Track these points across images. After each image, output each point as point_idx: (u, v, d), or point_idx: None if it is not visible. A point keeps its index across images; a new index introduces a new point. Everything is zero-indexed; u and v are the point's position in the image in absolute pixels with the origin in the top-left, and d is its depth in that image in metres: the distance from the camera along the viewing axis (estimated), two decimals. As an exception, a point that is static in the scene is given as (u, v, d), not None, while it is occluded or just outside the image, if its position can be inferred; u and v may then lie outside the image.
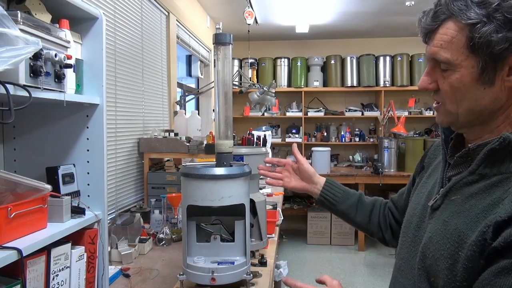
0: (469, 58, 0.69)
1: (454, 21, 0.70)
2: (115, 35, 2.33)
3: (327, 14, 4.60)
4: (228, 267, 1.29)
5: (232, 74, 3.24)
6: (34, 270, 1.01)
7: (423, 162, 0.98)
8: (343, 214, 1.17)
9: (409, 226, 0.88)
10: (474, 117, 0.74)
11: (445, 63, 0.72)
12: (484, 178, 0.72)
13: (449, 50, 0.70)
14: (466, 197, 0.73)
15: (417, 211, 0.86)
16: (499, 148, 0.69)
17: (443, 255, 0.72)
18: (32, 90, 0.93)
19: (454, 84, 0.72)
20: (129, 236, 1.89)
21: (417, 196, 0.91)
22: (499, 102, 0.71)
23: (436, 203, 0.79)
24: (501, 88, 0.70)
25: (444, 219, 0.75)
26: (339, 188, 1.18)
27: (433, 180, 0.87)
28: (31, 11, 1.07)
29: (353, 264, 4.20)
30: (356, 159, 5.47)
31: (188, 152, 2.64)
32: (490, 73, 0.69)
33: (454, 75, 0.71)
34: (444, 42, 0.71)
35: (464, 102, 0.72)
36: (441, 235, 0.74)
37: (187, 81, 4.67)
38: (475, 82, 0.70)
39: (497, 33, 0.65)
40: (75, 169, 1.29)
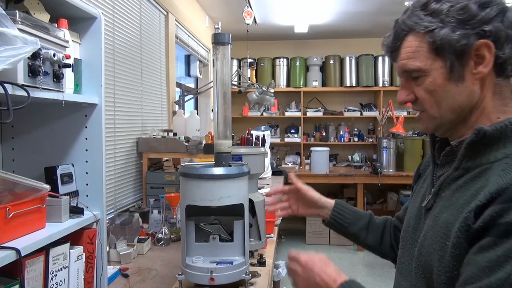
0: (436, 60, 0.75)
1: (413, 34, 0.77)
2: (113, 34, 2.32)
3: (326, 14, 4.61)
4: (227, 267, 1.29)
5: (231, 74, 3.24)
6: (32, 270, 1.01)
7: (419, 170, 1.00)
8: (355, 236, 1.15)
9: (407, 230, 0.90)
10: (455, 115, 0.77)
11: (416, 71, 0.77)
12: (468, 172, 0.75)
13: (417, 59, 0.76)
14: (453, 191, 0.77)
15: (413, 214, 0.89)
16: (476, 140, 0.73)
17: (435, 248, 0.74)
18: (31, 89, 0.93)
19: (429, 87, 0.77)
20: (128, 236, 1.89)
21: (413, 201, 0.94)
22: (475, 95, 0.75)
23: (429, 203, 0.82)
24: (473, 81, 0.75)
25: (435, 214, 0.78)
26: (349, 209, 1.16)
27: (426, 184, 0.90)
28: (29, 10, 1.07)
29: (352, 264, 4.21)
30: (355, 159, 5.48)
31: (187, 152, 2.63)
32: (459, 69, 0.74)
33: (427, 79, 0.76)
34: (410, 53, 0.77)
35: (443, 103, 0.77)
36: (433, 230, 0.77)
37: (186, 81, 4.67)
38: (447, 81, 0.75)
39: (454, 33, 0.72)
40: (74, 169, 1.28)
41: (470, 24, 0.72)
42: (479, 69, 0.74)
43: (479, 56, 0.73)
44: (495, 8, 0.72)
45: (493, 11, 0.71)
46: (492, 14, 0.71)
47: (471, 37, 0.72)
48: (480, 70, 0.74)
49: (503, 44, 0.72)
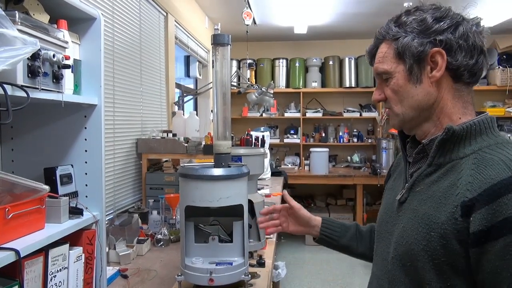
0: (399, 64, 0.87)
1: (385, 41, 0.90)
2: (113, 35, 2.32)
3: (325, 15, 4.61)
4: (226, 268, 1.29)
5: (231, 74, 3.25)
6: (31, 271, 1.01)
7: (389, 172, 1.09)
8: (346, 247, 1.20)
9: (380, 224, 0.99)
10: (416, 113, 0.88)
11: (384, 73, 0.89)
12: (440, 167, 0.84)
13: (385, 63, 0.89)
14: (428, 186, 0.85)
15: (386, 209, 0.97)
16: (447, 138, 0.82)
17: (417, 238, 0.82)
18: (30, 90, 0.93)
19: (394, 87, 0.88)
20: (127, 237, 1.89)
21: (385, 198, 1.02)
22: (432, 96, 0.86)
23: (403, 197, 0.90)
24: (429, 84, 0.85)
25: (413, 208, 0.86)
26: (336, 223, 1.22)
27: (398, 182, 0.99)
28: (29, 11, 1.07)
29: (351, 265, 4.21)
30: (354, 159, 5.48)
31: (186, 152, 2.63)
32: (417, 72, 0.85)
33: (392, 80, 0.88)
34: (380, 58, 0.90)
35: (404, 101, 0.88)
36: (412, 221, 0.84)
37: (186, 81, 4.67)
38: (407, 82, 0.87)
39: (413, 40, 0.84)
40: (73, 169, 1.28)
41: (427, 34, 0.84)
42: (433, 73, 0.84)
43: (434, 62, 0.84)
44: (448, 22, 0.83)
45: (446, 24, 0.83)
46: (445, 26, 0.83)
47: (427, 45, 0.83)
48: (434, 74, 0.84)
49: (455, 53, 0.83)
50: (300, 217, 1.23)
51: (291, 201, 1.24)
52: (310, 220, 1.22)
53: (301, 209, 1.23)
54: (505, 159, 0.76)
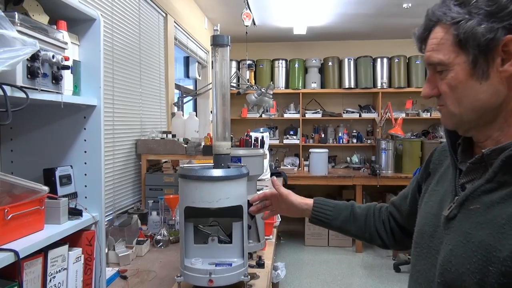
0: (459, 54, 0.71)
1: (440, 25, 0.73)
2: (112, 36, 2.33)
3: (324, 16, 4.61)
4: (225, 269, 1.29)
5: (230, 75, 3.25)
6: (31, 272, 1.00)
7: (428, 168, 0.95)
8: (339, 229, 1.17)
9: (422, 237, 0.85)
10: (477, 115, 0.73)
11: (439, 65, 0.74)
12: (504, 186, 0.69)
13: (440, 51, 0.73)
14: (487, 206, 0.70)
15: (429, 221, 0.83)
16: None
17: (469, 269, 0.68)
18: (29, 91, 0.93)
19: (451, 83, 0.73)
20: (127, 238, 1.89)
21: (426, 204, 0.88)
22: (500, 95, 0.70)
23: (452, 213, 0.75)
24: (499, 80, 0.70)
25: (466, 230, 0.71)
26: (328, 205, 1.17)
27: (443, 188, 0.84)
28: (28, 12, 1.07)
29: (351, 266, 4.21)
30: (353, 160, 5.48)
31: (186, 153, 2.63)
32: (483, 66, 0.69)
33: (450, 74, 0.73)
34: (434, 45, 0.74)
35: (464, 100, 0.72)
36: (464, 248, 0.70)
37: (185, 82, 4.67)
38: (470, 78, 0.71)
39: (480, 25, 0.67)
40: (73, 170, 1.28)
41: (499, 17, 0.67)
42: (506, 67, 0.68)
43: (507, 53, 0.68)
44: None
45: None
46: None
47: (498, 31, 0.66)
48: (507, 68, 0.68)
49: None
50: (290, 204, 1.19)
51: (280, 188, 1.21)
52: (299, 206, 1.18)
53: (289, 194, 1.20)
54: None
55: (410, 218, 0.98)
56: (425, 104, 5.55)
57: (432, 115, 5.36)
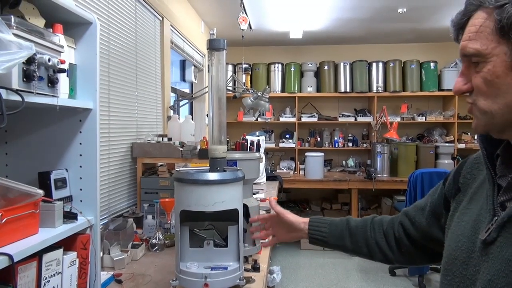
0: (500, 44, 0.62)
1: (482, 9, 0.64)
2: (109, 39, 2.33)
3: (320, 20, 4.64)
4: (221, 273, 1.29)
5: (226, 79, 3.25)
6: (25, 276, 1.00)
7: (458, 183, 0.83)
8: (337, 247, 1.13)
9: (454, 263, 0.74)
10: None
11: (475, 56, 0.65)
12: None
13: (478, 40, 0.64)
14: None
15: (462, 244, 0.73)
16: None
17: None
18: (25, 94, 0.93)
19: (486, 77, 0.64)
20: (122, 242, 1.88)
21: (458, 225, 0.77)
22: None
23: (491, 236, 0.66)
24: None
25: (509, 257, 0.62)
26: (323, 223, 1.13)
27: (477, 206, 0.74)
28: (24, 15, 1.07)
29: (346, 270, 4.21)
30: (349, 164, 5.50)
31: (182, 157, 2.63)
32: None
33: (486, 66, 0.63)
34: (472, 34, 0.65)
35: (500, 97, 0.63)
36: (507, 279, 0.61)
37: (181, 86, 4.67)
38: (509, 72, 0.62)
39: None
40: (68, 174, 1.28)
41: None
42: None
43: None
44: None
45: None
46: None
47: None
48: None
49: None
50: (289, 223, 1.17)
51: (276, 207, 1.20)
52: (296, 223, 1.16)
53: (286, 213, 1.18)
54: None
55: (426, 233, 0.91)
56: (420, 108, 5.59)
57: (427, 119, 5.39)
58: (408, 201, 3.87)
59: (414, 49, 5.58)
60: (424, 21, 4.54)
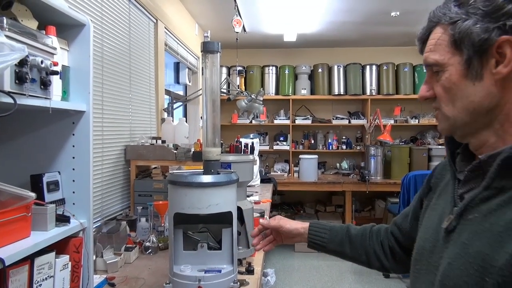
0: (454, 55, 0.71)
1: (440, 25, 0.73)
2: (102, 42, 2.32)
3: (314, 23, 4.66)
4: (215, 275, 1.29)
5: (220, 81, 3.25)
6: (16, 280, 0.99)
7: (429, 183, 0.93)
8: (336, 253, 1.16)
9: (422, 253, 0.81)
10: (471, 118, 0.72)
11: (435, 65, 0.74)
12: (502, 192, 0.66)
13: (437, 52, 0.73)
14: (485, 214, 0.67)
15: (429, 235, 0.80)
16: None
17: (467, 282, 0.65)
18: (17, 96, 0.93)
19: (445, 84, 0.72)
20: (115, 245, 1.87)
21: (427, 219, 0.85)
22: (494, 98, 0.69)
23: (451, 225, 0.73)
24: (492, 82, 0.68)
25: (463, 241, 0.69)
26: (324, 228, 1.15)
27: (444, 201, 0.82)
28: (17, 17, 1.06)
29: (341, 272, 4.21)
30: (343, 166, 5.51)
31: (176, 159, 2.62)
32: (477, 67, 0.69)
33: (444, 75, 0.72)
34: (432, 46, 0.74)
35: (457, 101, 0.72)
36: (462, 260, 0.67)
37: (175, 88, 4.66)
38: (463, 78, 0.70)
39: (475, 25, 0.67)
40: (60, 176, 1.27)
41: (494, 17, 0.66)
42: (499, 68, 0.67)
43: (501, 54, 0.67)
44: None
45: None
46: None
47: (493, 31, 0.66)
48: (500, 70, 0.67)
49: None
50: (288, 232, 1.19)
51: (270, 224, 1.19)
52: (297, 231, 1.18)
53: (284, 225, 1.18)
54: None
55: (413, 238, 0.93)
56: (413, 111, 5.62)
57: (420, 122, 5.43)
58: (402, 203, 3.89)
59: (407, 52, 5.62)
60: (416, 24, 4.58)
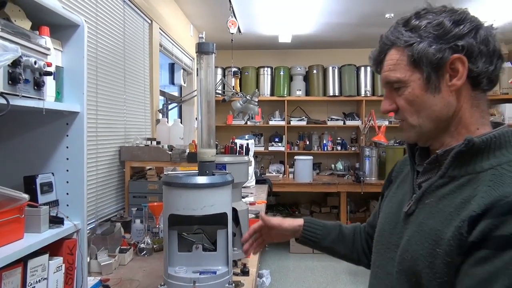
0: (414, 72, 0.81)
1: (395, 48, 0.83)
2: (97, 42, 2.31)
3: (309, 25, 4.67)
4: (210, 277, 1.28)
5: (215, 82, 3.25)
6: (9, 282, 0.98)
7: (390, 177, 1.04)
8: (328, 249, 1.19)
9: (382, 234, 0.93)
10: (434, 124, 0.82)
11: (397, 82, 0.83)
12: (453, 180, 0.78)
13: (397, 71, 0.82)
14: (439, 198, 0.79)
15: (389, 219, 0.92)
16: (466, 150, 0.77)
17: (422, 254, 0.77)
18: (10, 97, 0.92)
19: (408, 97, 0.82)
20: (109, 246, 1.86)
21: (387, 206, 0.96)
22: (451, 106, 0.81)
23: (411, 209, 0.84)
24: (448, 93, 0.80)
25: (420, 221, 0.80)
26: (318, 225, 1.19)
27: (403, 190, 0.93)
28: (10, 17, 1.06)
29: (336, 273, 4.22)
30: (338, 167, 5.53)
31: (170, 160, 2.62)
32: (435, 81, 0.80)
33: (407, 90, 0.82)
34: (391, 66, 0.83)
35: (421, 112, 0.82)
36: (418, 236, 0.79)
37: (170, 89, 4.65)
38: (424, 92, 0.81)
39: (430, 47, 0.78)
40: (54, 178, 1.26)
41: (445, 39, 0.77)
42: (454, 81, 0.79)
43: (454, 70, 0.78)
44: (468, 25, 0.77)
45: (466, 28, 0.77)
46: (465, 30, 0.77)
47: (446, 51, 0.77)
48: (455, 83, 0.79)
49: (476, 59, 0.77)
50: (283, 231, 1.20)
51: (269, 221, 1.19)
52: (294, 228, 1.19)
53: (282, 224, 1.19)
54: None
55: None
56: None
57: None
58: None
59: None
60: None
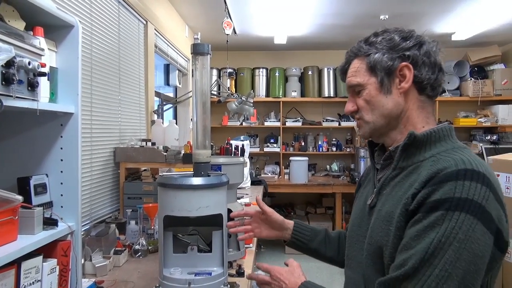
0: (371, 77, 0.97)
1: (357, 58, 1.01)
2: (91, 43, 2.30)
3: (304, 26, 4.68)
4: (205, 278, 1.28)
5: (211, 83, 3.24)
6: (3, 284, 0.97)
7: (360, 181, 1.18)
8: (315, 251, 1.29)
9: (352, 229, 1.06)
10: (385, 121, 0.98)
11: (357, 86, 0.99)
12: (403, 170, 0.93)
13: (358, 76, 0.99)
14: (392, 187, 0.94)
15: (357, 215, 1.06)
16: (409, 143, 0.92)
17: (381, 235, 0.90)
18: (4, 98, 0.91)
19: (366, 98, 0.98)
20: (104, 248, 1.85)
21: (356, 204, 1.11)
22: (400, 106, 0.96)
23: (373, 202, 0.99)
24: (398, 94, 0.96)
25: (379, 208, 0.95)
26: (307, 227, 1.30)
27: (366, 188, 1.08)
28: (4, 18, 1.05)
29: (331, 273, 4.23)
30: (333, 168, 5.54)
31: (166, 161, 2.61)
32: (387, 84, 0.96)
33: (365, 91, 0.98)
34: (353, 72, 1.00)
35: (375, 110, 0.98)
36: (378, 221, 0.93)
37: (165, 90, 4.64)
38: (379, 93, 0.97)
39: (384, 56, 0.95)
40: (48, 179, 1.26)
41: (395, 50, 0.95)
42: (402, 84, 0.95)
43: (402, 75, 0.95)
44: (413, 40, 0.95)
45: (411, 42, 0.95)
46: (411, 44, 0.95)
47: (396, 60, 0.95)
48: (403, 86, 0.95)
49: (420, 67, 0.94)
50: (273, 222, 1.29)
51: (264, 206, 1.29)
52: (283, 223, 1.29)
53: (274, 213, 1.30)
54: (456, 158, 0.85)
55: None
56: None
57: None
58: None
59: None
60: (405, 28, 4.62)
